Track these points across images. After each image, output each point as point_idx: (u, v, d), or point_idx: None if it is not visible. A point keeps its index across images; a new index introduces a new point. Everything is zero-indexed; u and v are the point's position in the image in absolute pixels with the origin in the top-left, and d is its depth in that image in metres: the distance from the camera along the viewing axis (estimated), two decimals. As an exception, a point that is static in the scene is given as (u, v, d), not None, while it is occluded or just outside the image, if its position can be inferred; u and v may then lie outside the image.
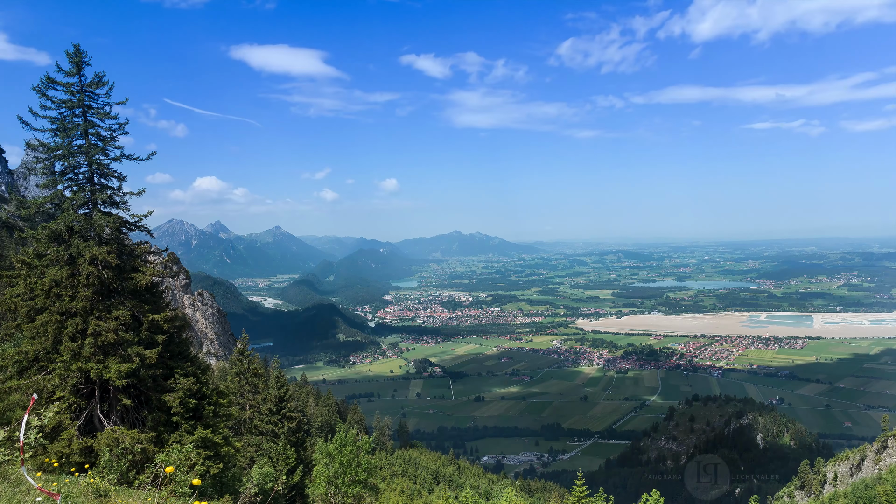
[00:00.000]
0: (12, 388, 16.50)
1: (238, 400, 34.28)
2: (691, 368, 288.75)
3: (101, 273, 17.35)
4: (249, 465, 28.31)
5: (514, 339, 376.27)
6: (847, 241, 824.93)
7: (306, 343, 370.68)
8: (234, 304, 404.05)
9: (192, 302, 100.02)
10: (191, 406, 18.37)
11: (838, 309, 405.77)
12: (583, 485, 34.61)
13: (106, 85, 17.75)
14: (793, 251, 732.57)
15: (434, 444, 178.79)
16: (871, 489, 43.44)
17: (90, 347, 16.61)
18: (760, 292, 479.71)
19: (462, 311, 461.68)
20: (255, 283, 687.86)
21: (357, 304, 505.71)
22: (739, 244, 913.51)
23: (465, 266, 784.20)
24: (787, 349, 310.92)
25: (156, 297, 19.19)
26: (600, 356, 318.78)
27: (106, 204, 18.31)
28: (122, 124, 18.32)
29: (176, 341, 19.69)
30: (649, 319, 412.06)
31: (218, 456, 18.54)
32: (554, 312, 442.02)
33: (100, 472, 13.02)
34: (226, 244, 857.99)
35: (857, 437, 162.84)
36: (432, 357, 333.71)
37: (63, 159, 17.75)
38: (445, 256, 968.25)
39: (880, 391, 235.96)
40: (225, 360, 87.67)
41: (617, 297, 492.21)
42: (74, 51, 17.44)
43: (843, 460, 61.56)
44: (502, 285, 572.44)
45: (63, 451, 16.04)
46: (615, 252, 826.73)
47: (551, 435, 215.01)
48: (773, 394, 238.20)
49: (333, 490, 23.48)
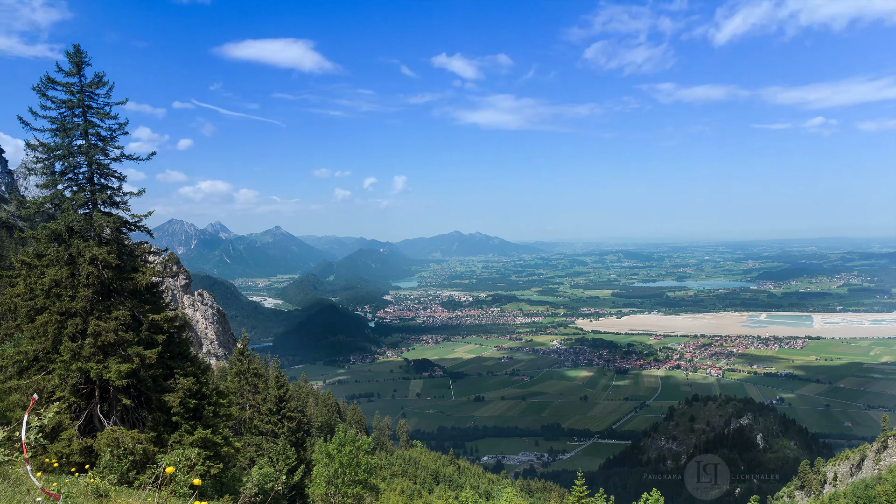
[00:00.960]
0: (12, 388, 16.50)
1: (238, 400, 34.28)
2: (691, 368, 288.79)
3: (101, 273, 17.34)
4: (249, 465, 28.31)
5: (514, 339, 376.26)
6: (847, 241, 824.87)
7: (306, 343, 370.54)
8: (234, 305, 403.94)
9: (192, 302, 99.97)
10: (191, 406, 18.38)
11: (838, 309, 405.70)
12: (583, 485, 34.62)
13: (106, 85, 17.74)
14: (793, 251, 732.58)
15: (434, 444, 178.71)
16: (871, 489, 43.45)
17: (90, 347, 16.61)
18: (760, 292, 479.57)
19: (462, 311, 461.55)
20: (255, 283, 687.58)
21: (357, 304, 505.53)
22: (739, 244, 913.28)
23: (465, 266, 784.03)
24: (787, 349, 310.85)
25: (156, 298, 19.20)
26: (600, 356, 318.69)
27: (106, 204, 18.31)
28: (122, 124, 18.32)
29: (176, 341, 19.69)
30: (649, 319, 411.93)
31: (218, 456, 18.54)
32: (554, 312, 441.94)
33: (100, 473, 13.01)
34: (226, 244, 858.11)
35: (857, 437, 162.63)
36: (432, 357, 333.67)
37: (63, 159, 17.74)
38: (445, 256, 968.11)
39: (880, 391, 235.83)
40: (225, 360, 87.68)
41: (617, 297, 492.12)
42: (74, 51, 17.44)
43: (843, 460, 61.56)
44: (502, 285, 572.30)
45: (63, 451, 16.04)
46: (615, 252, 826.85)
47: (551, 435, 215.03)
48: (773, 394, 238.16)
49: (333, 490, 23.48)
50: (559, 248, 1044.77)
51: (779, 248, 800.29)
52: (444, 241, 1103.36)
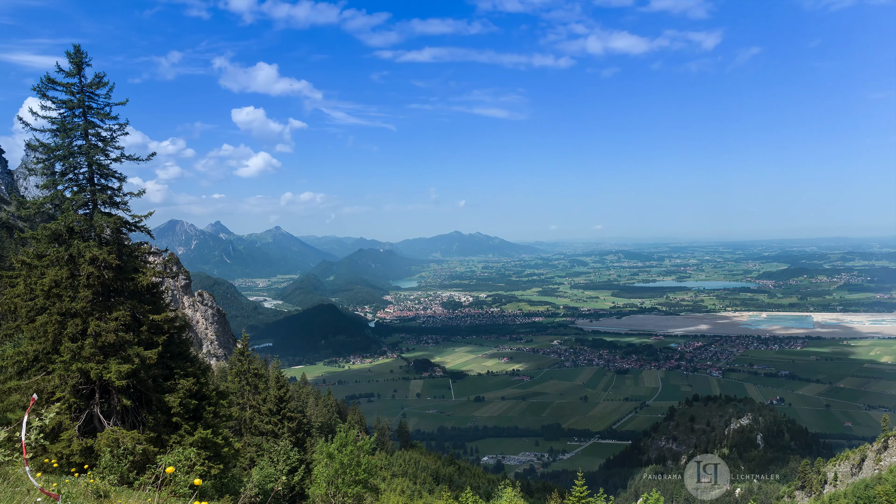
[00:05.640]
0: (12, 389, 16.51)
1: (238, 400, 34.28)
2: (691, 368, 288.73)
3: (102, 274, 17.34)
4: (250, 466, 28.32)
5: (514, 339, 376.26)
6: (847, 241, 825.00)
7: (306, 343, 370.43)
8: (234, 305, 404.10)
9: (192, 302, 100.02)
10: (191, 407, 18.39)
11: (838, 309, 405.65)
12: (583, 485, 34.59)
13: (106, 85, 17.74)
14: (793, 251, 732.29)
15: (434, 444, 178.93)
16: (871, 489, 43.47)
17: (90, 348, 16.61)
18: (760, 292, 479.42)
19: (462, 311, 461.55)
20: (255, 283, 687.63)
21: (357, 304, 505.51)
22: (739, 244, 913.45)
23: (465, 266, 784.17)
24: (787, 349, 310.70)
25: (156, 298, 19.20)
26: (600, 356, 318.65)
27: (106, 204, 18.31)
28: (122, 125, 18.33)
29: (176, 342, 19.70)
30: (649, 319, 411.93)
31: (218, 456, 18.55)
32: (554, 312, 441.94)
33: (100, 473, 13.02)
34: (226, 244, 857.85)
35: (857, 437, 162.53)
36: (432, 357, 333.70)
37: (63, 160, 17.75)
38: (445, 256, 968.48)
39: (880, 391, 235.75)
40: (225, 360, 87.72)
41: (617, 297, 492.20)
42: (75, 51, 17.43)
43: (843, 460, 61.55)
44: (502, 285, 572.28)
45: (63, 451, 16.04)
46: (615, 252, 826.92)
47: (551, 435, 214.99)
48: (773, 394, 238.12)
49: (334, 490, 23.48)
50: (559, 248, 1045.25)
51: (779, 248, 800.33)
52: (444, 241, 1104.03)
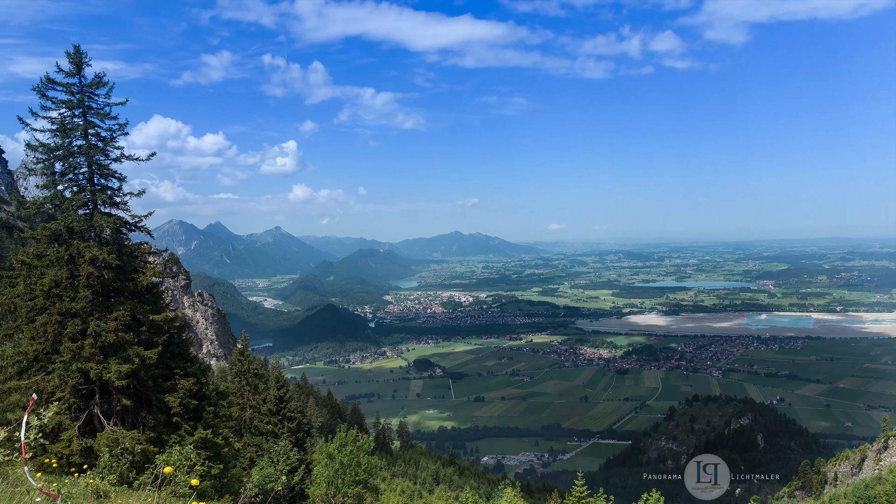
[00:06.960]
0: (12, 389, 16.51)
1: (238, 400, 34.28)
2: (691, 368, 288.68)
3: (102, 274, 17.34)
4: (250, 466, 28.33)
5: (514, 339, 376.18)
6: (847, 241, 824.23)
7: (306, 343, 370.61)
8: (234, 305, 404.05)
9: (192, 302, 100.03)
10: (191, 407, 18.39)
11: (838, 309, 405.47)
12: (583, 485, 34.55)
13: (106, 86, 17.74)
14: (793, 251, 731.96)
15: (434, 444, 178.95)
16: (871, 489, 43.45)
17: (90, 348, 16.61)
18: (760, 292, 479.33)
19: (462, 311, 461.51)
20: (254, 283, 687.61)
21: (357, 304, 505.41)
22: (739, 244, 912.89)
23: (465, 266, 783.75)
24: (787, 349, 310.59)
25: (156, 298, 19.20)
26: (600, 356, 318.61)
27: (106, 204, 18.31)
28: (122, 125, 18.34)
29: (176, 342, 19.70)
30: (649, 319, 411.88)
31: (218, 456, 18.55)
32: (554, 312, 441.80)
33: (99, 473, 13.01)
34: (226, 244, 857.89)
35: (857, 437, 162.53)
36: (432, 357, 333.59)
37: (63, 160, 17.75)
38: (445, 256, 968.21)
39: (880, 391, 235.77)
40: (225, 360, 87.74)
41: (617, 297, 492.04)
42: (74, 51, 17.43)
43: (843, 460, 61.52)
44: (502, 285, 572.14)
45: (63, 451, 16.05)
46: (615, 252, 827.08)
47: (551, 435, 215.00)
48: (773, 394, 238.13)
49: (334, 490, 23.47)
50: (559, 248, 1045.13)
51: (779, 248, 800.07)
52: (444, 242, 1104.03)
